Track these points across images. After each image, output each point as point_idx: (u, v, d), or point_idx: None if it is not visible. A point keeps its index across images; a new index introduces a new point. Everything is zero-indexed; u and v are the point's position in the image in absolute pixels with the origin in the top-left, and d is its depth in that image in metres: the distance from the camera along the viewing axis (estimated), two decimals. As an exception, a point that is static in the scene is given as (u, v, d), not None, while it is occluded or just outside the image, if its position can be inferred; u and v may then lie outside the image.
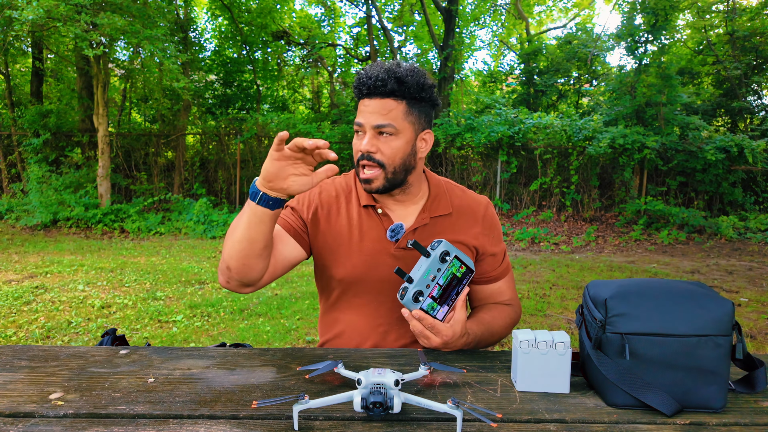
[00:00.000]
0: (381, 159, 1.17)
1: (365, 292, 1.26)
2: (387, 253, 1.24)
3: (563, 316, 4.20)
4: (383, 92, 1.15)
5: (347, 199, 1.30)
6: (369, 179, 1.18)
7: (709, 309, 0.86)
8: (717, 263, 6.70)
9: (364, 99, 1.18)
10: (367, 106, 1.17)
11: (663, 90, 8.94)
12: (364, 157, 1.17)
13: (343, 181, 1.34)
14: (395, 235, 1.20)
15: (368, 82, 1.15)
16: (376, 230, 1.25)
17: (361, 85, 1.17)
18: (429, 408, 0.79)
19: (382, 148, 1.17)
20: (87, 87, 9.84)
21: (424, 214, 1.26)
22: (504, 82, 14.94)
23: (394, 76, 1.14)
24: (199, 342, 3.57)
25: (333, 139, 9.94)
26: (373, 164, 1.17)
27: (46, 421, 0.80)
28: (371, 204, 1.26)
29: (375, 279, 1.24)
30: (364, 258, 1.24)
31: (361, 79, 1.16)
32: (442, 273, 1.04)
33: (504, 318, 1.28)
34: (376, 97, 1.16)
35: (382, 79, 1.14)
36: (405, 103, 1.17)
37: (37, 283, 4.97)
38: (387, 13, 13.29)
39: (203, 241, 7.83)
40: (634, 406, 0.87)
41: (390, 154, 1.17)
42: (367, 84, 1.15)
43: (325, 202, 1.29)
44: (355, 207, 1.28)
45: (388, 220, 1.25)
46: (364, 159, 1.17)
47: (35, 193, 8.48)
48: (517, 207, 9.83)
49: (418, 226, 1.25)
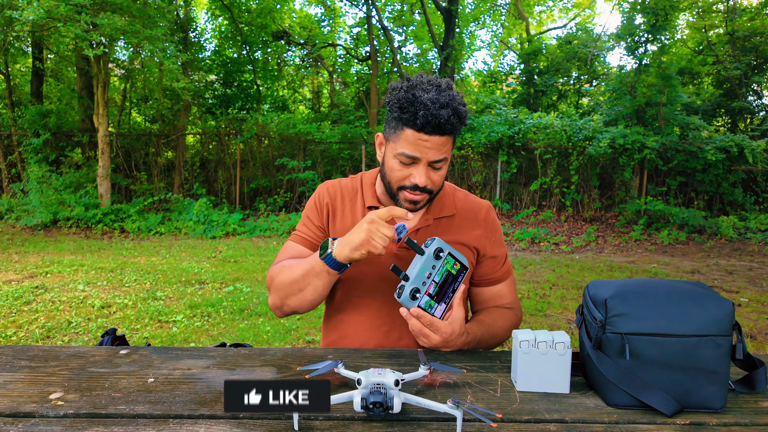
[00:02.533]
0: (431, 188, 1.19)
1: (368, 292, 1.27)
2: (390, 253, 1.25)
3: (563, 316, 4.20)
4: (447, 132, 1.13)
5: (352, 200, 1.33)
6: (417, 201, 1.20)
7: (709, 309, 0.86)
8: (717, 263, 6.69)
9: (422, 134, 1.12)
10: (426, 142, 1.12)
11: (663, 90, 8.94)
12: (417, 188, 1.17)
13: (349, 183, 1.36)
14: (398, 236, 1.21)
15: (435, 121, 1.10)
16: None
17: (426, 124, 1.10)
18: (429, 408, 0.79)
19: (433, 179, 1.18)
20: (87, 87, 9.84)
21: (428, 215, 1.29)
22: (504, 82, 14.94)
23: (459, 116, 1.13)
24: (199, 342, 3.57)
25: (333, 139, 9.94)
26: (424, 194, 1.19)
27: (46, 421, 0.80)
28: (376, 206, 1.29)
29: (377, 279, 1.25)
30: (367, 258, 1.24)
31: (427, 118, 1.09)
32: (437, 270, 1.05)
33: (504, 321, 1.29)
34: (437, 135, 1.12)
35: (451, 123, 1.11)
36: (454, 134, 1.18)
37: (37, 283, 4.97)
38: (387, 13, 13.29)
39: (203, 241, 7.83)
40: (634, 406, 0.87)
41: (439, 183, 1.20)
42: (433, 124, 1.10)
43: (333, 204, 1.33)
44: (360, 208, 1.31)
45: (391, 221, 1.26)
46: (417, 190, 1.17)
47: (35, 193, 8.48)
48: (517, 207, 9.83)
49: (421, 227, 1.27)
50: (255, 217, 9.36)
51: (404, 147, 1.14)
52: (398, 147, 1.16)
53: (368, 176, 1.37)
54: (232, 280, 5.30)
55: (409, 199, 1.19)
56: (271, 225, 8.60)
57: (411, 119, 1.11)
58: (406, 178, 1.17)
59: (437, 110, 1.09)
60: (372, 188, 1.33)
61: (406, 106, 1.12)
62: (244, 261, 6.31)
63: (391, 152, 1.18)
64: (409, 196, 1.19)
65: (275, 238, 8.07)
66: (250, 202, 10.29)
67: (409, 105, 1.11)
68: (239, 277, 5.41)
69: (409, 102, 1.12)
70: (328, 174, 10.12)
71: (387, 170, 1.21)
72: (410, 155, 1.14)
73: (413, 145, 1.13)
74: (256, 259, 6.45)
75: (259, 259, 6.45)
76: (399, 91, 1.15)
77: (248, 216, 9.42)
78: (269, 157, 10.43)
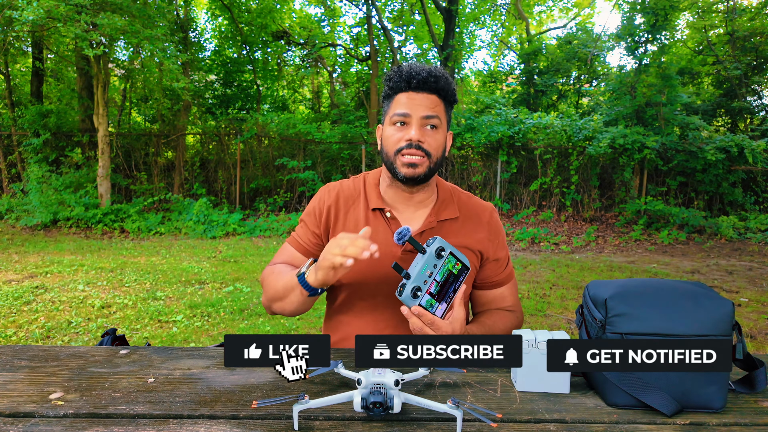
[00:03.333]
0: (428, 149, 1.19)
1: (370, 295, 1.27)
2: (393, 256, 1.25)
3: (563, 316, 4.20)
4: (432, 88, 1.19)
5: (355, 202, 1.31)
6: (415, 164, 1.19)
7: (709, 309, 0.86)
8: (717, 263, 6.70)
9: (410, 92, 1.19)
10: (414, 99, 1.19)
11: (663, 90, 8.94)
12: (413, 146, 1.18)
13: (350, 185, 1.35)
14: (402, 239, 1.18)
15: (418, 76, 1.18)
16: (384, 233, 1.26)
17: (410, 78, 1.18)
18: (429, 408, 0.79)
19: (428, 139, 1.20)
20: (87, 87, 9.84)
21: (432, 218, 1.28)
22: (504, 82, 14.94)
23: (439, 76, 1.19)
24: (199, 342, 3.57)
25: (333, 138, 9.94)
26: (420, 152, 1.19)
27: (46, 421, 0.80)
28: (381, 207, 1.28)
29: (380, 281, 1.25)
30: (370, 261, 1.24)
31: (411, 72, 1.18)
32: (438, 269, 1.05)
33: (505, 323, 1.29)
34: (425, 92, 1.19)
35: (434, 76, 1.18)
36: (443, 102, 1.22)
37: (37, 283, 4.97)
38: (387, 13, 13.29)
39: (203, 241, 7.83)
40: (634, 406, 0.87)
41: (435, 146, 1.21)
42: (417, 78, 1.18)
43: (334, 207, 1.31)
44: (363, 210, 1.29)
45: (396, 223, 1.26)
46: (412, 148, 1.18)
47: (35, 193, 8.48)
48: (517, 207, 9.83)
49: (425, 230, 1.27)
50: (255, 217, 9.36)
51: (396, 108, 1.21)
52: (391, 113, 1.22)
53: (372, 177, 1.35)
54: (232, 280, 5.30)
55: (406, 163, 1.19)
56: (271, 225, 8.60)
57: (397, 82, 1.20)
58: (401, 139, 1.20)
59: (420, 68, 1.19)
60: (376, 189, 1.31)
61: (392, 76, 1.22)
62: (244, 261, 6.31)
63: (387, 123, 1.24)
64: (407, 158, 1.19)
65: (275, 238, 8.07)
66: (250, 202, 10.29)
67: (395, 73, 1.22)
68: (239, 277, 5.41)
69: (395, 71, 1.22)
70: (328, 174, 10.12)
71: (384, 142, 1.24)
72: (401, 112, 1.19)
73: (404, 104, 1.20)
74: (256, 259, 6.45)
75: (259, 259, 6.45)
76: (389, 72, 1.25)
77: (248, 216, 9.42)
78: (269, 157, 10.43)
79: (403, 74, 1.20)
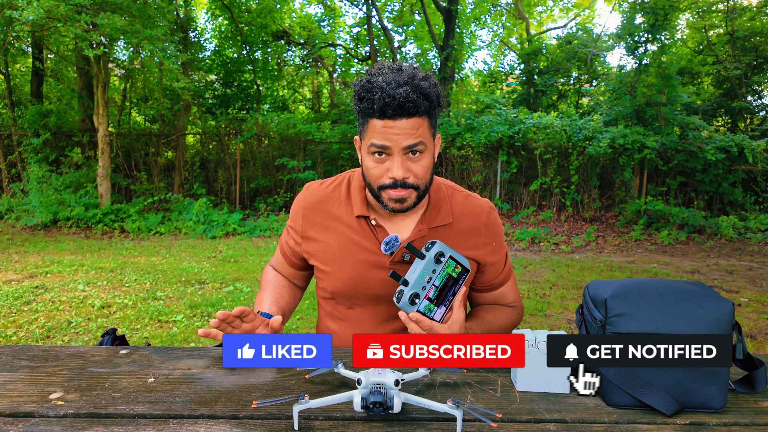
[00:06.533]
0: (415, 182, 1.08)
1: (359, 306, 1.23)
2: (380, 266, 1.18)
3: (563, 316, 4.20)
4: (412, 112, 1.03)
5: (339, 208, 1.22)
6: (402, 198, 1.08)
7: (709, 309, 0.86)
8: (717, 263, 6.69)
9: (386, 120, 1.03)
10: (392, 128, 1.03)
11: (663, 90, 8.93)
12: (398, 184, 1.06)
13: (330, 188, 1.26)
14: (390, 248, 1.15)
15: (394, 102, 1.01)
16: (370, 242, 1.18)
17: (385, 107, 1.02)
18: (429, 408, 0.79)
19: (414, 170, 1.07)
20: (87, 87, 9.83)
21: (422, 225, 1.18)
22: (504, 82, 14.94)
23: (421, 92, 1.03)
24: (199, 342, 3.57)
25: (333, 138, 9.94)
26: (406, 189, 1.08)
27: (46, 421, 0.80)
28: (366, 215, 1.19)
29: (368, 293, 1.20)
30: (356, 272, 1.19)
31: (384, 99, 1.01)
32: (437, 274, 1.03)
33: (505, 318, 1.28)
34: (403, 118, 1.03)
35: (412, 100, 1.01)
36: (427, 116, 1.07)
37: (37, 283, 4.97)
38: (387, 13, 13.29)
39: (203, 241, 7.83)
40: (634, 406, 0.87)
41: (422, 174, 1.09)
42: (392, 105, 1.01)
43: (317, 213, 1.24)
44: (348, 217, 1.21)
45: (382, 231, 1.18)
46: (398, 187, 1.07)
47: (35, 193, 8.48)
48: (517, 207, 9.83)
49: (415, 239, 1.18)
50: (255, 217, 9.36)
51: (372, 137, 1.06)
52: (368, 141, 1.07)
53: (357, 178, 1.24)
54: (232, 280, 5.30)
55: (393, 198, 1.08)
56: (271, 225, 8.60)
57: (370, 107, 1.04)
58: (383, 174, 1.07)
59: (394, 90, 1.01)
60: (362, 193, 1.21)
61: (363, 95, 1.05)
62: (244, 261, 6.31)
63: (365, 150, 1.10)
64: (393, 194, 1.08)
65: (275, 238, 8.07)
66: (250, 202, 10.29)
67: (366, 92, 1.04)
68: (239, 277, 5.41)
69: (366, 90, 1.04)
70: (329, 174, 10.12)
71: (365, 172, 1.11)
72: (379, 144, 1.05)
73: (381, 134, 1.04)
74: (256, 259, 6.45)
75: (259, 259, 6.45)
76: (358, 83, 1.07)
77: (248, 216, 9.42)
78: (269, 157, 10.43)
79: (375, 101, 1.02)
